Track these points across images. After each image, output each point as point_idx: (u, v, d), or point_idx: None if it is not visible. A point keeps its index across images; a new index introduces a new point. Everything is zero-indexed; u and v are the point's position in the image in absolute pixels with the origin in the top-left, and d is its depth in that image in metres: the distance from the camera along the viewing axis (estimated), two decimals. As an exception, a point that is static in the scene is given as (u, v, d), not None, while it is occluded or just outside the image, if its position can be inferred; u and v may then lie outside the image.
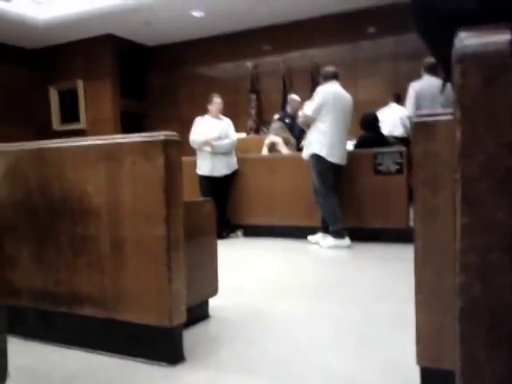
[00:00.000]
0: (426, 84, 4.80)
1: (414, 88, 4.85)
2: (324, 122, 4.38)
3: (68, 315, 2.01)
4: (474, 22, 0.45)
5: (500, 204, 0.42)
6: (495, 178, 0.42)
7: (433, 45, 0.60)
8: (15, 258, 2.10)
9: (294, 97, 6.41)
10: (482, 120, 0.42)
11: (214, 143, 5.11)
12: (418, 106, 4.76)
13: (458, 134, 0.42)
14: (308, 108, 4.52)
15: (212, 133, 5.15)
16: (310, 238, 4.73)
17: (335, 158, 4.42)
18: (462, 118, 0.42)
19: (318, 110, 4.38)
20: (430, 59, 5.02)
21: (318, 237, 4.63)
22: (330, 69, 4.62)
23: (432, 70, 5.03)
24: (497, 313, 0.42)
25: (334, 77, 4.53)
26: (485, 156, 0.41)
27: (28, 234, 2.08)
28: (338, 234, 4.43)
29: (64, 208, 1.98)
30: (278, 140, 5.66)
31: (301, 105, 6.34)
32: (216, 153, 5.13)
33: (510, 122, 0.41)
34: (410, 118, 4.94)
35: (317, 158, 4.41)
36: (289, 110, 6.31)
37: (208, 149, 5.12)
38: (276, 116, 6.41)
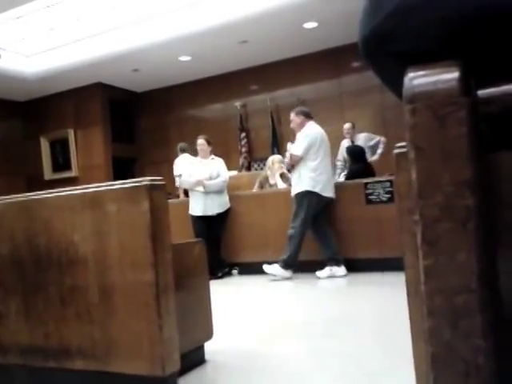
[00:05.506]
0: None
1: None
2: (314, 159, 4.59)
3: (58, 370, 1.94)
4: (422, 60, 0.46)
5: (461, 244, 0.41)
6: (455, 217, 0.41)
7: (386, 82, 0.60)
8: (2, 313, 2.05)
9: None
10: (437, 159, 0.41)
11: (206, 182, 5.14)
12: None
13: (414, 175, 0.42)
14: (296, 149, 4.65)
15: (203, 173, 5.18)
16: (317, 273, 4.60)
17: (329, 192, 4.62)
18: (416, 158, 0.42)
19: (308, 150, 4.60)
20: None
21: (327, 270, 4.57)
22: (306, 109, 5.00)
23: None
24: (470, 359, 0.40)
25: (311, 117, 4.86)
26: (442, 196, 0.41)
27: (15, 287, 2.04)
28: (285, 265, 4.55)
29: (51, 258, 1.95)
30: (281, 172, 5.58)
31: None
32: (208, 192, 5.14)
33: (466, 159, 0.41)
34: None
35: (310, 194, 4.51)
36: None
37: (200, 189, 5.15)
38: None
